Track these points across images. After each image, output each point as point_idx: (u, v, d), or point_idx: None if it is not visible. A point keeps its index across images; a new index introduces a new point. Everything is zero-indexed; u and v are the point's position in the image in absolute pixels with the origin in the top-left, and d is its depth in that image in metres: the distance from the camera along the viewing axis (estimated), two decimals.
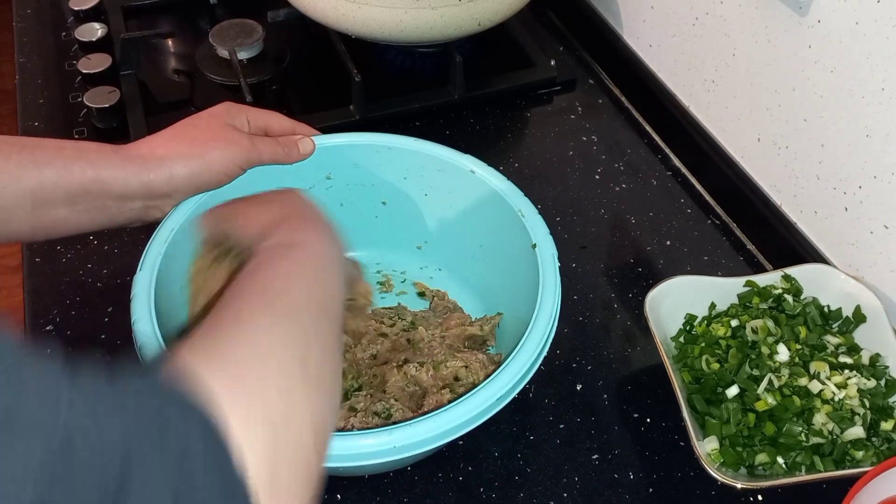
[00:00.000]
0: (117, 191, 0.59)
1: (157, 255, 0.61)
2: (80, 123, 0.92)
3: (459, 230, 0.73)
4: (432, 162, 0.71)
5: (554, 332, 0.59)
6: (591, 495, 0.63)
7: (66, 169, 0.57)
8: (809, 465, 0.61)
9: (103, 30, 1.00)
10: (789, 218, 0.79)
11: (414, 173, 0.72)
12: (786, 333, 0.67)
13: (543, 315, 0.59)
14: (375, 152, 0.71)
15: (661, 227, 0.83)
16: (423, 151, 0.71)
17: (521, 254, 0.65)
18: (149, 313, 0.56)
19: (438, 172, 0.71)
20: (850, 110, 0.68)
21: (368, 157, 0.72)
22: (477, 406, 0.54)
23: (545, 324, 0.58)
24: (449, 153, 0.70)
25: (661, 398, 0.68)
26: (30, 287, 0.76)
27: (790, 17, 0.72)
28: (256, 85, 0.96)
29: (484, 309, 0.72)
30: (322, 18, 0.92)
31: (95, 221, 0.60)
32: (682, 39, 0.89)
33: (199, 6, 1.09)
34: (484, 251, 0.71)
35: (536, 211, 0.66)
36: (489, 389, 0.54)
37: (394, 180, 0.73)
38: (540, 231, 0.65)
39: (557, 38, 1.07)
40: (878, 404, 0.63)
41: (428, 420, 0.52)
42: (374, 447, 0.52)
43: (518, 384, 0.55)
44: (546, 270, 0.62)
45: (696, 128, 0.89)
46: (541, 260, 0.62)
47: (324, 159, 0.70)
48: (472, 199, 0.70)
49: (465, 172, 0.69)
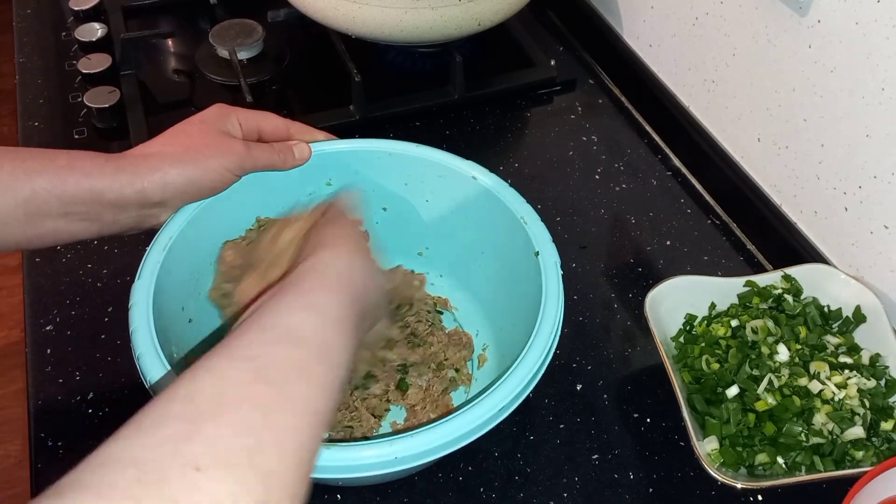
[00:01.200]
0: (111, 199, 0.58)
1: (155, 264, 0.60)
2: (80, 123, 0.92)
3: (461, 236, 0.72)
4: (433, 168, 0.70)
5: (557, 341, 0.58)
6: (591, 495, 0.63)
7: (59, 178, 0.57)
8: (809, 465, 0.61)
9: (103, 30, 1.00)
10: (789, 218, 0.79)
11: (415, 179, 0.71)
12: (786, 333, 0.67)
13: (546, 324, 0.58)
14: (376, 158, 0.71)
15: (661, 227, 0.83)
16: (423, 157, 0.70)
17: (523, 260, 0.64)
18: (147, 323, 0.56)
19: (440, 178, 0.70)
20: (850, 110, 0.68)
21: (369, 163, 0.71)
22: (480, 416, 0.53)
23: (548, 333, 0.57)
24: (450, 159, 0.70)
25: (661, 398, 0.68)
26: (30, 287, 0.76)
27: (790, 17, 0.72)
28: (256, 85, 0.96)
29: (484, 315, 0.72)
30: (322, 18, 0.92)
31: (89, 230, 0.60)
32: (682, 39, 0.89)
33: (199, 6, 1.09)
34: (486, 257, 0.71)
35: (539, 218, 0.65)
36: (493, 398, 0.53)
37: (394, 186, 0.72)
38: (542, 238, 0.64)
39: (557, 38, 1.07)
40: (878, 404, 0.63)
41: (430, 430, 0.51)
42: (375, 458, 0.51)
43: (521, 394, 0.55)
44: (549, 278, 0.61)
45: (696, 128, 0.89)
46: (544, 267, 0.62)
47: (324, 165, 0.70)
48: (473, 205, 0.70)
49: (466, 178, 0.69)
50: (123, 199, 0.59)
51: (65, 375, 0.69)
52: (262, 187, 0.66)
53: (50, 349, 0.71)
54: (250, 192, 0.66)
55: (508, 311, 0.68)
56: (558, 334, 0.58)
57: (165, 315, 0.59)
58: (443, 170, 0.70)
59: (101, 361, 0.70)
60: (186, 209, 0.63)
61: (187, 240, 0.63)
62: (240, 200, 0.66)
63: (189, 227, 0.63)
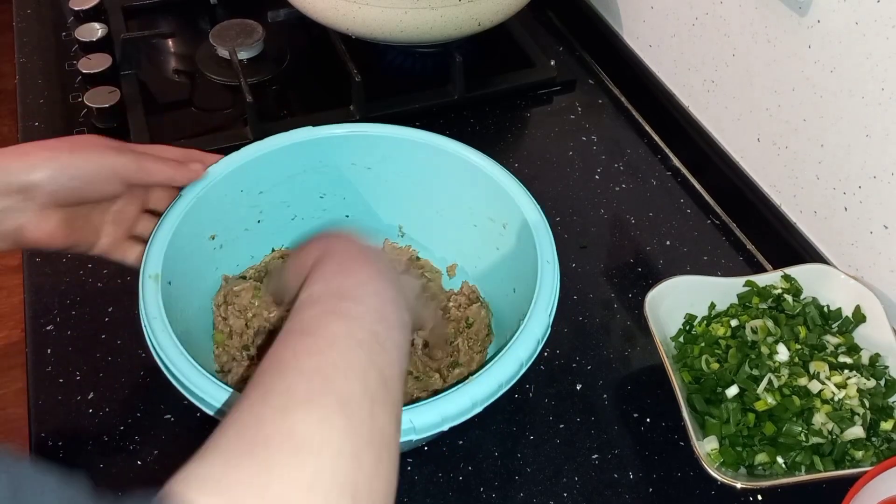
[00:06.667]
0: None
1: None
2: (80, 123, 0.92)
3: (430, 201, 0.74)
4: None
5: (556, 305, 0.59)
6: (591, 495, 0.63)
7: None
8: (809, 465, 0.61)
9: (103, 30, 1.00)
10: (789, 218, 0.79)
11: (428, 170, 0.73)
12: (785, 333, 0.67)
13: (545, 291, 0.59)
14: (372, 145, 0.72)
15: (661, 227, 0.83)
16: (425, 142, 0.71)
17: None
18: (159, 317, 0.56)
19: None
20: (850, 110, 0.68)
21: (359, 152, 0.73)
22: (495, 380, 0.54)
23: (548, 295, 0.59)
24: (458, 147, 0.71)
25: (661, 398, 0.68)
26: (30, 287, 0.76)
27: (790, 17, 0.72)
28: (256, 85, 0.96)
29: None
30: (322, 18, 0.92)
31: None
32: (681, 39, 0.89)
33: (199, 6, 1.09)
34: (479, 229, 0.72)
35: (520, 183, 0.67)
36: (511, 355, 0.55)
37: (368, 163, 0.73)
38: (523, 201, 0.65)
39: (557, 38, 1.07)
40: (878, 404, 0.63)
41: (443, 399, 0.52)
42: None
43: (537, 347, 0.56)
44: (542, 241, 0.62)
45: (695, 128, 0.89)
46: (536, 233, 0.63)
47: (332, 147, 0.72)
48: (446, 173, 0.71)
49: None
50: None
51: (65, 375, 0.69)
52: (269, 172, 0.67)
53: (50, 349, 0.71)
54: (249, 194, 0.67)
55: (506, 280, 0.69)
56: (557, 300, 0.59)
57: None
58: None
59: (101, 361, 0.70)
60: (170, 216, 0.63)
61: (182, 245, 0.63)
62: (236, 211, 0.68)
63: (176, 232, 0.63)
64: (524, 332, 0.56)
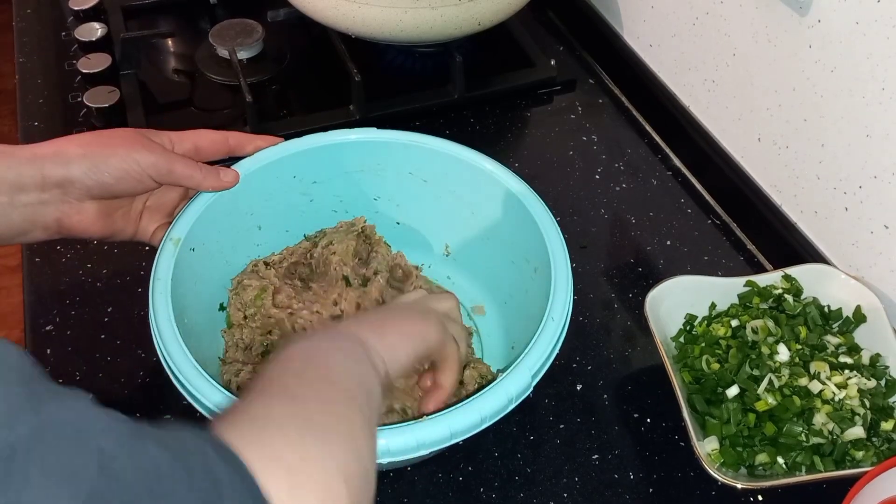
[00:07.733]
0: (10, 179, 0.55)
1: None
2: (80, 123, 0.92)
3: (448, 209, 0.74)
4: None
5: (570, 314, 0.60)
6: (591, 495, 0.63)
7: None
8: (809, 465, 0.61)
9: (103, 30, 1.00)
10: (789, 218, 0.79)
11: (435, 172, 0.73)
12: (786, 333, 0.67)
13: (558, 303, 0.60)
14: (380, 147, 0.73)
15: (661, 227, 0.83)
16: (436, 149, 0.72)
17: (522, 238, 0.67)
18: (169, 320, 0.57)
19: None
20: (850, 110, 0.68)
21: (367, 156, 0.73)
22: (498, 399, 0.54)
23: (562, 304, 0.60)
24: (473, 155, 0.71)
25: (661, 398, 0.68)
26: (30, 287, 0.76)
27: (790, 17, 0.72)
28: (256, 85, 0.96)
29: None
30: (322, 18, 0.92)
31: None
32: (682, 39, 0.89)
33: (199, 6, 1.09)
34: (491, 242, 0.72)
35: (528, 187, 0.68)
36: (511, 379, 0.55)
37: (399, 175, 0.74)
38: (536, 207, 0.66)
39: (557, 38, 1.07)
40: (879, 404, 0.63)
41: (446, 416, 0.52)
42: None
43: (547, 361, 0.57)
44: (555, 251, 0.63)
45: (696, 128, 0.89)
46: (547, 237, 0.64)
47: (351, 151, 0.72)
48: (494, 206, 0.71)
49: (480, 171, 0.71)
50: (21, 177, 0.56)
51: (65, 375, 0.68)
52: (262, 185, 0.67)
53: (50, 349, 0.71)
54: (248, 198, 0.68)
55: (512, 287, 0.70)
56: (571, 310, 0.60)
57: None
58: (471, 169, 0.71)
59: (101, 361, 0.70)
60: (184, 218, 0.64)
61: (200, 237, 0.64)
62: (240, 211, 0.68)
63: None
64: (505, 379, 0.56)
